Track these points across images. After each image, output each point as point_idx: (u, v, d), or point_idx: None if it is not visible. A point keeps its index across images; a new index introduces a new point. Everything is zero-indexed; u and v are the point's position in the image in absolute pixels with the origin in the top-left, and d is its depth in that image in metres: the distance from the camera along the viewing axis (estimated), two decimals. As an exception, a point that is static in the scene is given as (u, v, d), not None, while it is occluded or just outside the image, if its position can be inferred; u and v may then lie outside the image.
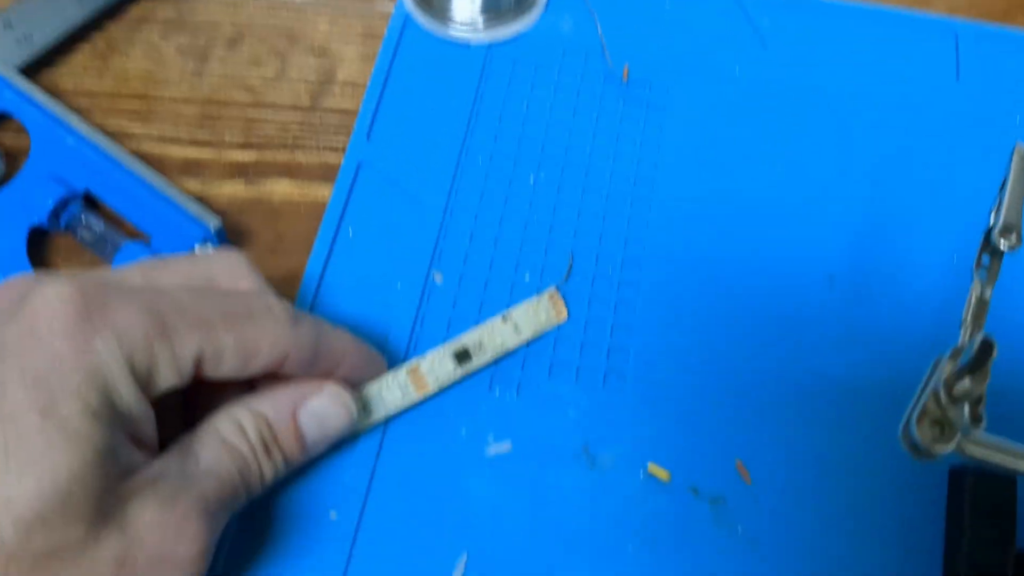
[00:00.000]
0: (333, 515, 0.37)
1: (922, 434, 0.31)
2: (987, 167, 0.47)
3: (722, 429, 0.40)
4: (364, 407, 0.38)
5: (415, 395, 0.39)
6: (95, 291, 0.28)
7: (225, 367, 0.31)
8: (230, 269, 0.34)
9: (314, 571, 0.36)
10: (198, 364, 0.30)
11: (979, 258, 0.34)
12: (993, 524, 0.38)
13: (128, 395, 0.28)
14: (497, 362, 0.41)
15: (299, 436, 0.34)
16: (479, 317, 0.42)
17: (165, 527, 0.29)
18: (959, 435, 0.31)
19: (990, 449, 0.31)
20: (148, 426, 0.30)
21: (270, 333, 0.31)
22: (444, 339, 0.41)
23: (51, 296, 0.28)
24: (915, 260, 0.45)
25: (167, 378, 0.29)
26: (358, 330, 0.41)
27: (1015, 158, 0.34)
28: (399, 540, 0.37)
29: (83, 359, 0.27)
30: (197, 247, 0.41)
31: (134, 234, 0.43)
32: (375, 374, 0.37)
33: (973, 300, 0.34)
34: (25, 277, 0.30)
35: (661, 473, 0.39)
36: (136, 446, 0.29)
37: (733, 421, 0.40)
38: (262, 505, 0.37)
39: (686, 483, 0.39)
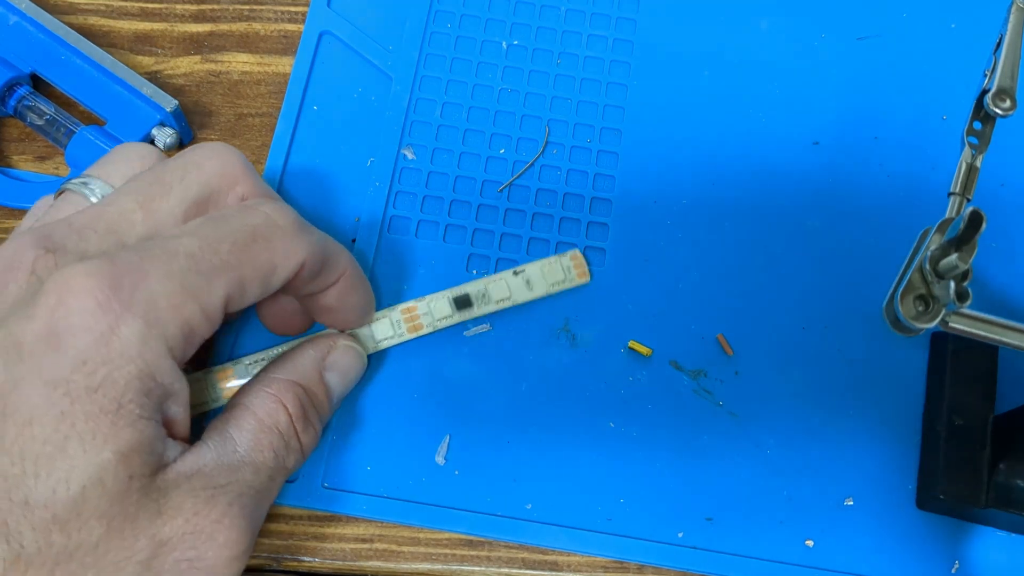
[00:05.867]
0: (313, 402, 0.37)
1: (906, 310, 0.30)
2: (981, 23, 0.45)
3: (703, 303, 0.39)
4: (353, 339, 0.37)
5: (407, 335, 0.37)
6: (111, 270, 0.26)
7: (249, 298, 0.29)
8: (223, 172, 0.32)
9: (296, 458, 0.36)
10: (225, 306, 0.29)
11: (970, 124, 0.33)
12: (973, 388, 0.38)
13: (163, 373, 0.27)
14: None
15: (328, 395, 0.34)
16: (453, 194, 0.41)
17: (198, 532, 0.28)
18: (943, 311, 0.30)
19: (973, 325, 0.30)
20: (182, 399, 0.28)
21: (282, 249, 0.30)
22: (418, 218, 0.40)
23: (70, 286, 0.26)
24: (903, 123, 0.43)
25: (200, 334, 0.28)
26: (328, 214, 0.40)
27: (1012, 15, 0.32)
28: (381, 424, 0.37)
29: (108, 352, 0.26)
30: (154, 130, 0.39)
31: (89, 118, 0.41)
32: (366, 290, 0.36)
33: (963, 168, 0.33)
34: (24, 248, 0.28)
35: (642, 349, 0.38)
36: (169, 429, 0.28)
37: (714, 295, 0.40)
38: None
39: (667, 358, 0.39)
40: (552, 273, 0.39)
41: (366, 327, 0.37)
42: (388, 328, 0.37)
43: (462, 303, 0.38)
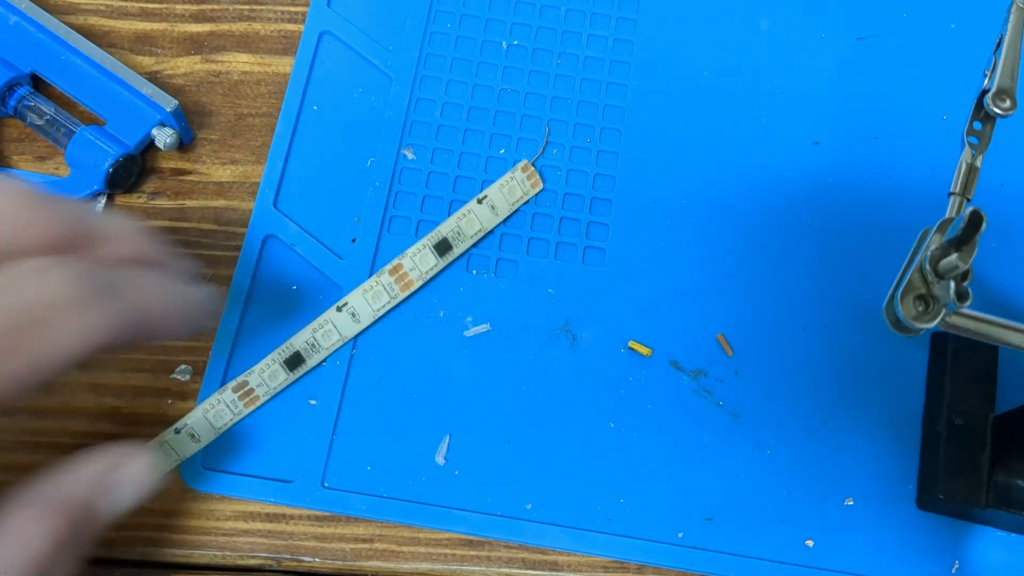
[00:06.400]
0: (312, 402, 0.37)
1: (906, 310, 0.30)
2: (981, 23, 0.45)
3: (703, 303, 0.39)
4: (353, 315, 0.37)
5: (401, 294, 0.38)
6: None
7: (22, 391, 0.24)
8: (11, 222, 0.26)
9: (298, 457, 0.36)
10: None
11: (970, 124, 0.33)
12: (973, 388, 0.38)
13: None
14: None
15: (100, 522, 0.29)
16: (453, 195, 0.40)
17: None
18: (943, 311, 0.30)
19: (973, 325, 0.30)
20: None
21: (63, 333, 0.24)
22: (418, 218, 0.40)
23: None
24: (903, 123, 0.43)
25: None
26: (328, 214, 0.40)
27: (1012, 15, 0.32)
28: (381, 424, 0.37)
29: None
30: (154, 130, 0.39)
31: (89, 118, 0.41)
32: (198, 321, 0.31)
33: (963, 168, 0.33)
34: None
35: (642, 349, 0.38)
36: None
37: (714, 295, 0.40)
38: (239, 396, 0.37)
39: (667, 358, 0.39)
40: (511, 192, 0.40)
41: (364, 303, 0.38)
42: (384, 295, 0.38)
43: (443, 248, 0.38)
